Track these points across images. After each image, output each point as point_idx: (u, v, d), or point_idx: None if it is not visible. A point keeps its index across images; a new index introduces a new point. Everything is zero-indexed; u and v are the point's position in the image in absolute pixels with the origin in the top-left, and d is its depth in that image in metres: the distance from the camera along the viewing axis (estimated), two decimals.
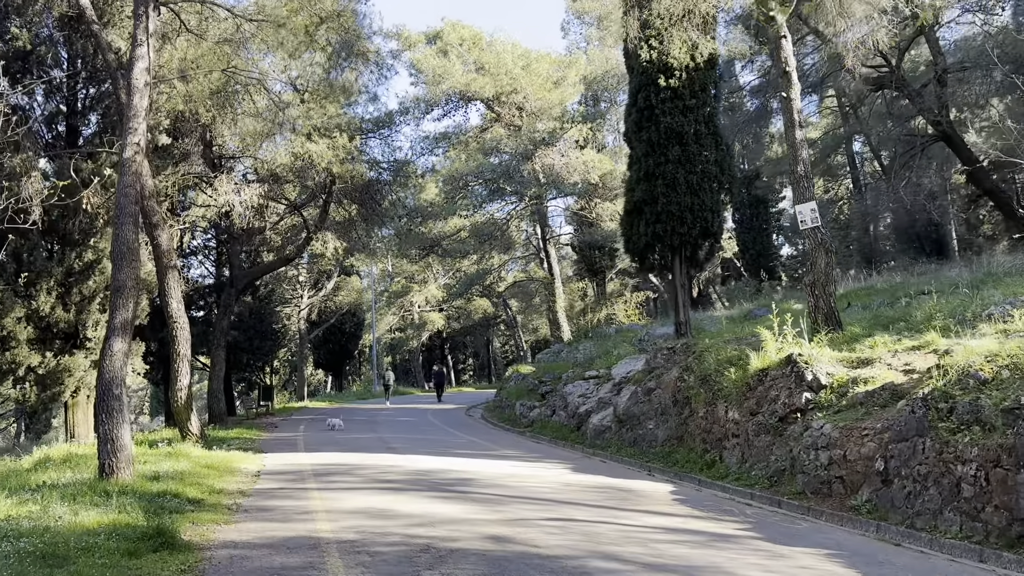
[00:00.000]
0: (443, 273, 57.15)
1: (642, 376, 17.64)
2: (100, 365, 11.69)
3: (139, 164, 12.08)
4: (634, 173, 20.90)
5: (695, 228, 20.12)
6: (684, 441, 14.55)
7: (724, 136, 21.17)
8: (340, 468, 13.71)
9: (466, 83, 32.82)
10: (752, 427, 12.45)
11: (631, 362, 19.16)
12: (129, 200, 11.86)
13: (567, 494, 10.79)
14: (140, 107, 12.21)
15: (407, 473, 12.83)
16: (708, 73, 20.56)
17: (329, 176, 23.31)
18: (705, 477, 12.62)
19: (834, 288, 14.16)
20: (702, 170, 19.99)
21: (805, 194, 14.19)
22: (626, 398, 17.21)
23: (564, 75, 34.27)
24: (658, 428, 15.56)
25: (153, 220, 16.36)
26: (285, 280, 42.85)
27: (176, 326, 17.07)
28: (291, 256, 27.39)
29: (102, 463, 11.44)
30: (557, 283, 36.03)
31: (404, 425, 25.08)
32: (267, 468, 14.36)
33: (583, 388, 20.33)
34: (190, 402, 17.83)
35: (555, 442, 19.11)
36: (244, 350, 31.79)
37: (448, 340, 67.04)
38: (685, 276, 21.02)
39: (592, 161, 32.84)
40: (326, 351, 50.50)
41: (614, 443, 16.82)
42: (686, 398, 15.01)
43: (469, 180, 33.96)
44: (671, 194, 19.79)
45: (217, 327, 25.34)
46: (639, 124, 20.63)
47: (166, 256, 16.62)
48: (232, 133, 25.47)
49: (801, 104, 40.33)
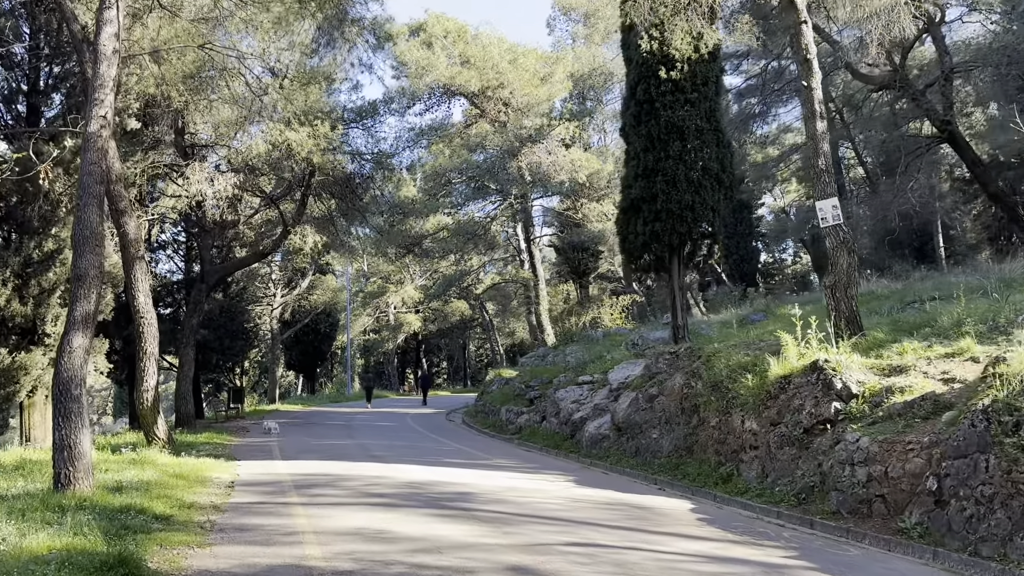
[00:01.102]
0: (420, 274, 55.92)
1: (642, 382, 16.67)
2: (57, 363, 10.43)
3: (105, 141, 10.84)
4: (631, 169, 19.96)
5: (696, 227, 19.26)
6: (694, 452, 13.59)
7: (726, 132, 20.30)
8: (323, 479, 12.54)
9: (451, 76, 31.72)
10: (774, 439, 11.51)
11: (628, 367, 18.20)
12: (93, 179, 10.62)
13: (579, 512, 9.74)
14: (107, 76, 10.98)
15: (398, 485, 11.70)
16: (711, 65, 19.70)
17: (308, 167, 22.08)
18: (721, 492, 11.66)
19: (856, 290, 13.30)
20: (703, 167, 19.12)
21: (826, 189, 13.32)
22: (625, 405, 16.23)
23: (551, 71, 33.32)
24: (663, 438, 14.59)
25: (120, 206, 15.05)
26: (258, 278, 41.35)
27: (143, 322, 15.75)
28: (266, 251, 26.08)
29: (58, 473, 10.19)
30: (541, 284, 35.03)
31: (384, 431, 23.88)
32: (242, 478, 13.14)
33: (576, 394, 19.32)
34: (157, 404, 16.52)
35: (547, 450, 18.09)
36: (214, 350, 30.35)
37: (424, 342, 65.72)
38: (683, 278, 20.14)
39: (579, 160, 31.92)
40: (298, 352, 48.93)
41: (613, 453, 15.83)
42: (694, 406, 14.06)
43: (452, 177, 32.86)
44: (671, 191, 18.89)
45: (186, 325, 23.95)
46: (638, 118, 19.70)
47: (133, 246, 15.31)
48: (206, 120, 24.17)
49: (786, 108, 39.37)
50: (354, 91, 36.16)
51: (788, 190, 57.52)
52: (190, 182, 20.45)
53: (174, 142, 24.22)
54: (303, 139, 20.93)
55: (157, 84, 20.63)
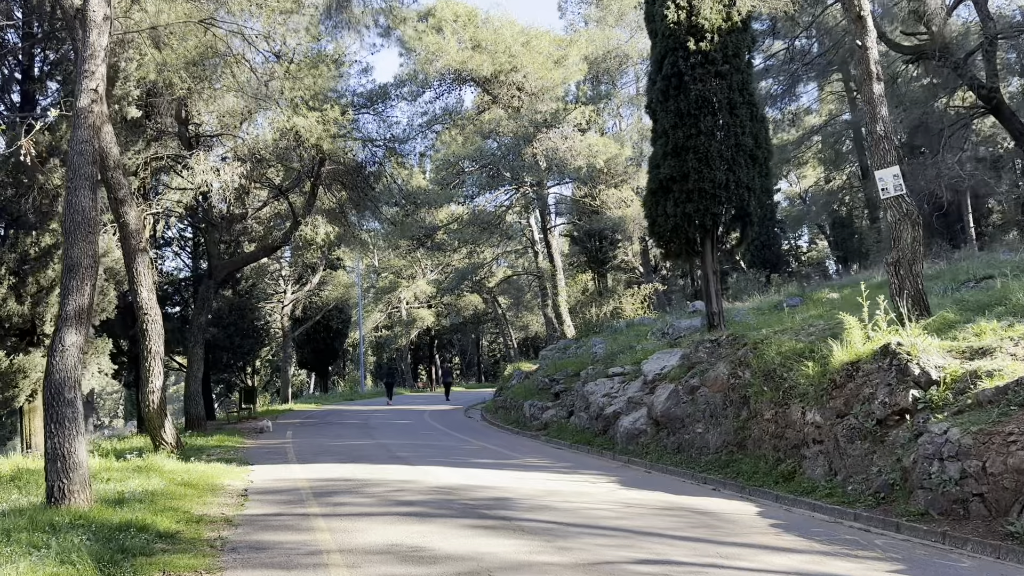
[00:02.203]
0: (432, 268, 54.88)
1: (680, 372, 15.57)
2: (49, 363, 9.40)
3: (97, 117, 9.79)
4: (659, 148, 18.81)
5: (730, 208, 18.13)
6: (746, 448, 12.48)
7: (759, 105, 19.13)
8: (344, 485, 11.49)
9: (462, 61, 30.58)
10: (842, 432, 10.38)
11: (663, 357, 17.09)
12: (85, 160, 9.57)
13: (635, 519, 8.66)
14: (98, 46, 9.91)
15: (428, 491, 10.64)
16: (742, 35, 18.55)
17: (318, 154, 21.01)
18: (784, 492, 10.55)
19: (921, 267, 12.15)
20: (737, 143, 18.00)
21: (886, 157, 12.16)
22: (663, 398, 15.12)
23: (565, 54, 32.14)
24: (708, 432, 13.49)
25: (119, 195, 14.02)
26: (267, 274, 40.37)
27: (147, 319, 14.73)
28: (276, 244, 25.06)
29: (51, 486, 9.17)
30: (559, 274, 33.88)
31: (402, 429, 22.86)
32: (256, 485, 12.11)
33: (607, 387, 18.22)
34: (164, 406, 15.51)
35: (577, 447, 17.01)
36: (224, 349, 29.37)
37: (437, 338, 64.70)
38: (717, 262, 19.01)
39: (596, 145, 30.77)
40: (311, 349, 47.93)
41: (652, 449, 14.74)
42: (743, 397, 12.95)
43: (465, 165, 31.75)
44: (704, 169, 17.77)
45: (194, 323, 22.94)
46: (665, 93, 18.54)
47: (134, 237, 14.28)
48: (211, 110, 23.15)
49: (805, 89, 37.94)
50: (364, 75, 34.89)
51: (804, 175, 56.21)
52: (194, 172, 19.41)
53: (178, 132, 23.22)
54: (312, 125, 19.88)
55: (158, 70, 19.64)
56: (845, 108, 43.96)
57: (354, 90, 23.59)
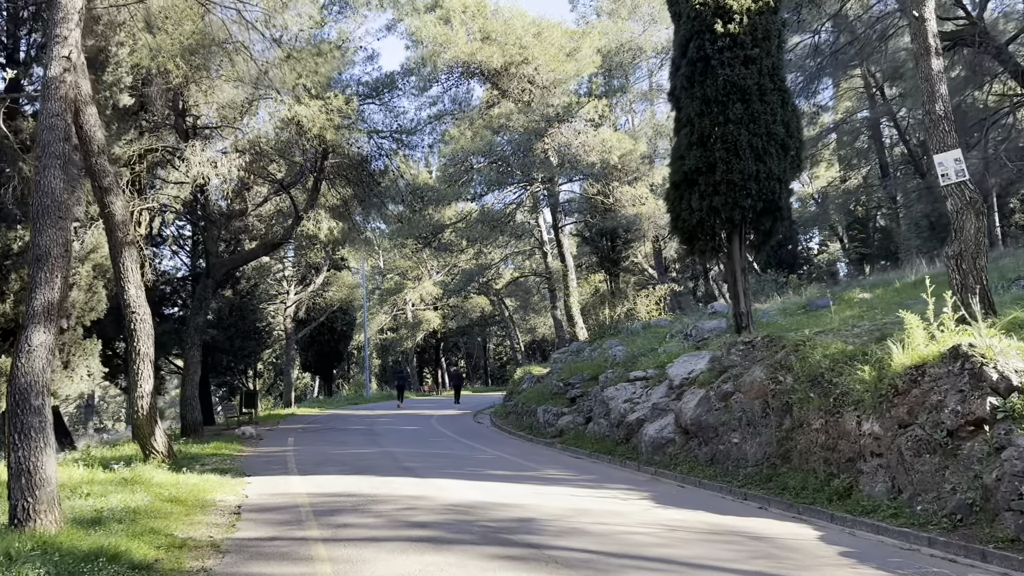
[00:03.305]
0: (438, 269, 53.80)
1: (711, 377, 14.42)
2: (14, 365, 8.32)
3: (70, 87, 8.70)
4: (683, 138, 17.65)
5: (759, 201, 16.96)
6: (790, 460, 11.32)
7: (791, 92, 17.98)
8: (348, 501, 10.36)
9: (471, 52, 29.47)
10: (906, 444, 9.23)
11: (690, 360, 15.94)
12: (56, 136, 8.48)
13: (682, 547, 7.52)
14: (70, 8, 8.82)
15: (442, 509, 9.50)
16: (772, 18, 17.35)
17: (321, 145, 19.91)
18: (840, 511, 9.40)
19: (985, 261, 10.99)
20: (767, 131, 16.81)
21: (946, 139, 11.01)
22: (693, 404, 13.98)
23: (578, 46, 31.01)
24: (746, 442, 12.33)
25: (104, 183, 12.92)
26: (270, 274, 39.29)
27: (135, 318, 13.64)
28: (277, 240, 23.95)
29: (14, 505, 8.08)
30: (571, 274, 32.73)
31: (410, 435, 21.73)
32: (251, 500, 11.00)
33: (628, 392, 17.07)
34: (154, 413, 14.41)
35: (598, 457, 15.86)
36: (223, 351, 28.32)
37: (443, 340, 63.57)
38: (745, 259, 17.85)
39: (610, 140, 29.65)
40: (314, 352, 46.81)
41: (683, 460, 13.59)
42: (785, 404, 11.79)
43: (474, 161, 30.64)
44: (732, 160, 16.60)
45: (191, 324, 21.85)
46: (690, 79, 17.38)
47: (121, 229, 13.18)
48: (209, 101, 22.10)
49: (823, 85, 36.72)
50: (369, 62, 33.44)
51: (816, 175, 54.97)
52: (190, 164, 18.33)
53: (174, 124, 22.19)
54: (314, 114, 18.80)
55: (152, 56, 18.60)
56: (863, 105, 42.82)
57: (359, 78, 22.54)
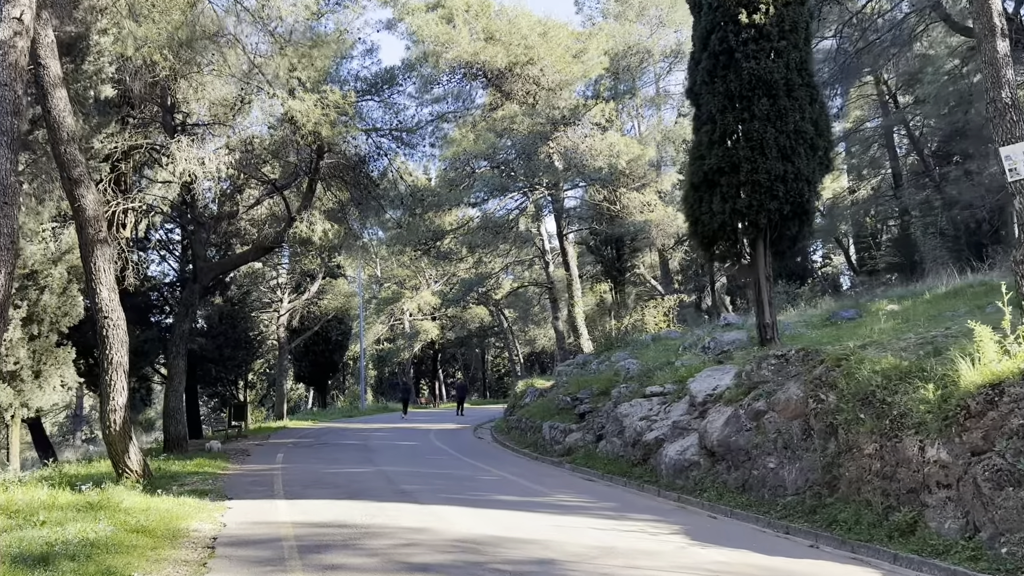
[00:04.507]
0: (437, 279, 52.56)
1: (738, 394, 13.19)
2: None
3: (20, 53, 7.49)
4: (704, 136, 16.47)
5: (786, 203, 15.77)
6: (837, 489, 10.06)
7: (819, 88, 16.83)
8: (338, 534, 9.08)
9: (474, 52, 28.36)
10: (983, 475, 7.99)
11: (713, 375, 14.69)
12: (3, 108, 7.28)
13: None
14: None
15: (446, 546, 8.23)
16: (799, 9, 16.23)
17: (316, 142, 18.70)
18: (904, 551, 8.17)
19: None
20: (795, 129, 15.63)
21: (1013, 131, 9.84)
22: (719, 424, 12.74)
23: (584, 47, 29.94)
24: (783, 468, 11.08)
25: (74, 174, 11.69)
26: (263, 281, 38.02)
27: (107, 323, 12.38)
28: (269, 244, 22.70)
29: None
30: (575, 284, 31.50)
31: (407, 452, 20.45)
32: (228, 530, 9.72)
33: (644, 408, 15.82)
34: (127, 428, 13.12)
35: (612, 479, 14.59)
36: (212, 360, 27.00)
37: (440, 352, 62.23)
38: (770, 267, 16.64)
39: (618, 144, 28.52)
40: (308, 362, 45.42)
41: (709, 486, 12.32)
42: (829, 426, 10.55)
43: (477, 165, 29.50)
44: (758, 159, 15.41)
45: (176, 331, 20.58)
46: (712, 73, 16.22)
47: (92, 225, 11.94)
48: (198, 97, 20.94)
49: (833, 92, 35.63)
50: (368, 55, 31.97)
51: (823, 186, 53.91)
52: (176, 160, 17.13)
53: (162, 121, 21.00)
54: (309, 108, 17.61)
55: (136, 46, 17.42)
56: (875, 113, 41.74)
57: (357, 73, 21.35)
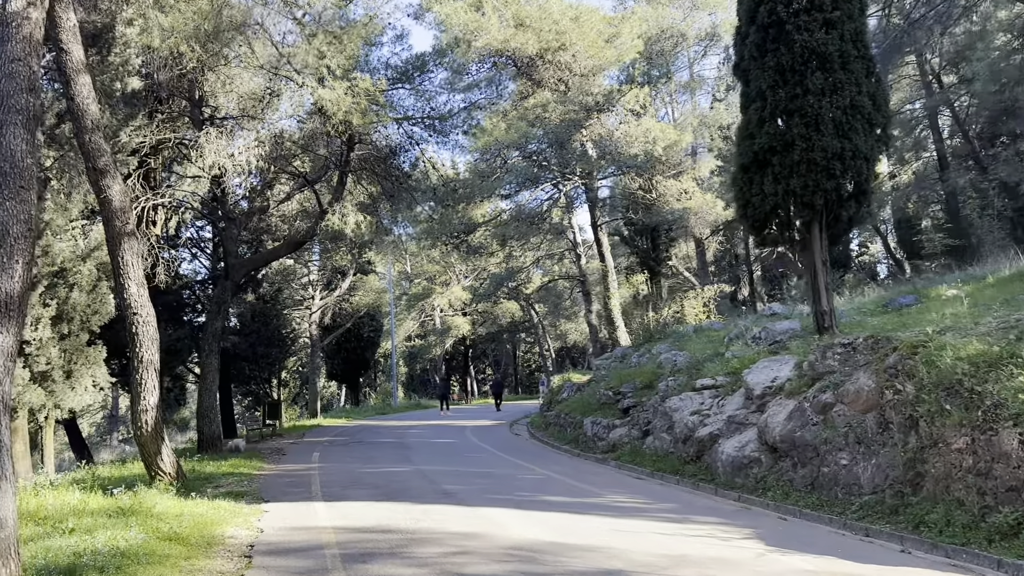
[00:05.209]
0: (467, 273, 51.98)
1: (800, 385, 12.38)
2: None
3: (36, 25, 6.92)
4: (753, 114, 15.59)
5: (844, 183, 14.88)
6: (921, 488, 9.23)
7: (875, 60, 15.88)
8: (383, 541, 8.45)
9: (504, 39, 27.62)
10: None
11: (770, 366, 13.88)
12: (18, 85, 6.71)
13: None
14: None
15: (501, 554, 7.57)
16: None
17: (347, 131, 18.12)
18: (1010, 556, 7.34)
19: None
20: (852, 104, 14.72)
21: None
22: (781, 418, 11.93)
23: (617, 31, 29.05)
24: (857, 464, 10.26)
25: (99, 164, 11.19)
26: (294, 278, 37.67)
27: (137, 320, 11.88)
28: (301, 238, 22.19)
29: None
30: (611, 275, 30.67)
31: (445, 450, 19.85)
32: (266, 536, 9.14)
33: (696, 403, 15.04)
34: (160, 429, 12.62)
35: (663, 477, 13.84)
36: (246, 359, 26.64)
37: (471, 348, 61.68)
38: (826, 251, 15.75)
39: (654, 130, 27.64)
40: (341, 360, 45.07)
41: (772, 484, 11.52)
42: (910, 418, 9.71)
43: (509, 156, 28.79)
44: (813, 136, 14.51)
45: (209, 329, 20.16)
46: (761, 47, 15.36)
47: (119, 217, 11.43)
48: (226, 90, 20.47)
49: None
50: (398, 42, 31.11)
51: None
52: (204, 153, 16.66)
53: (190, 114, 20.57)
54: (339, 97, 17.04)
55: (163, 36, 16.97)
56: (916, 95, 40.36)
57: (387, 60, 20.72)
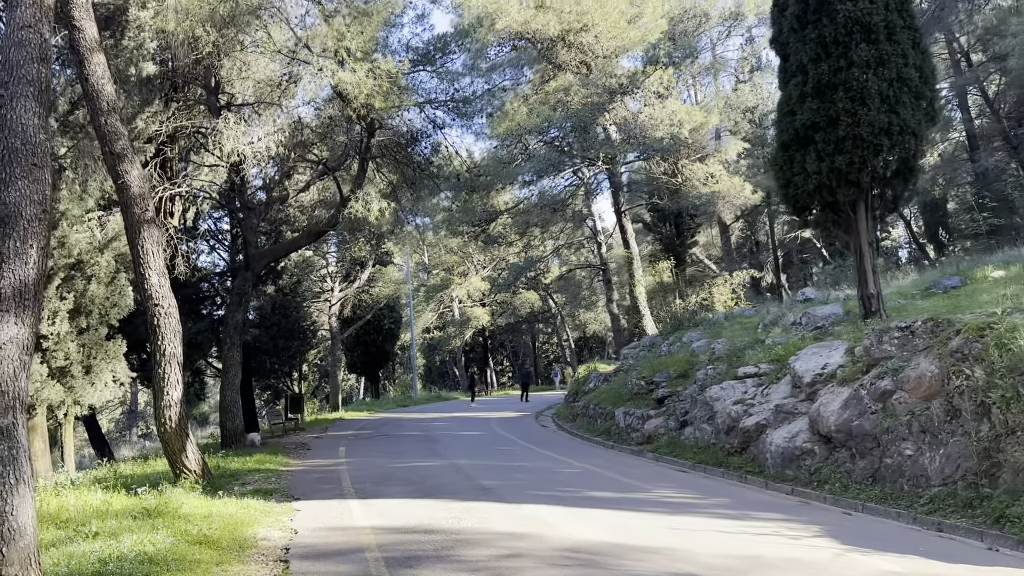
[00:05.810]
0: (485, 264, 51.43)
1: (854, 372, 11.74)
2: None
3: None
4: (793, 89, 14.90)
5: (892, 159, 14.18)
6: (997, 479, 8.60)
7: (921, 32, 15.12)
8: (427, 542, 7.93)
9: (524, 21, 26.97)
10: None
11: (819, 352, 13.23)
12: (27, 54, 6.20)
13: None
14: None
15: (557, 557, 7.01)
16: None
17: (368, 115, 17.55)
18: None
19: None
20: (899, 76, 14.00)
21: None
22: (836, 406, 11.29)
23: (640, 11, 28.34)
24: (923, 455, 9.62)
25: (116, 148, 10.68)
26: (313, 270, 37.25)
27: (158, 311, 11.39)
28: (322, 228, 21.67)
29: None
30: (636, 262, 30.03)
31: (473, 442, 19.34)
32: (301, 538, 8.64)
33: (738, 391, 14.41)
34: (184, 424, 12.16)
35: (706, 470, 13.24)
36: (266, 352, 26.21)
37: (491, 339, 61.16)
38: (874, 231, 15.07)
39: (679, 112, 26.90)
40: (360, 352, 44.64)
41: (829, 477, 10.90)
42: (981, 405, 9.08)
43: (531, 141, 28.17)
44: (859, 111, 13.80)
45: (229, 321, 19.71)
46: (802, 19, 14.66)
47: (138, 204, 10.92)
48: (242, 76, 19.97)
49: None
50: (419, 22, 30.27)
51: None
52: (224, 140, 16.16)
53: (206, 102, 20.09)
54: (360, 79, 16.47)
55: (178, 20, 16.47)
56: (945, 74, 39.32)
57: (407, 42, 20.14)
